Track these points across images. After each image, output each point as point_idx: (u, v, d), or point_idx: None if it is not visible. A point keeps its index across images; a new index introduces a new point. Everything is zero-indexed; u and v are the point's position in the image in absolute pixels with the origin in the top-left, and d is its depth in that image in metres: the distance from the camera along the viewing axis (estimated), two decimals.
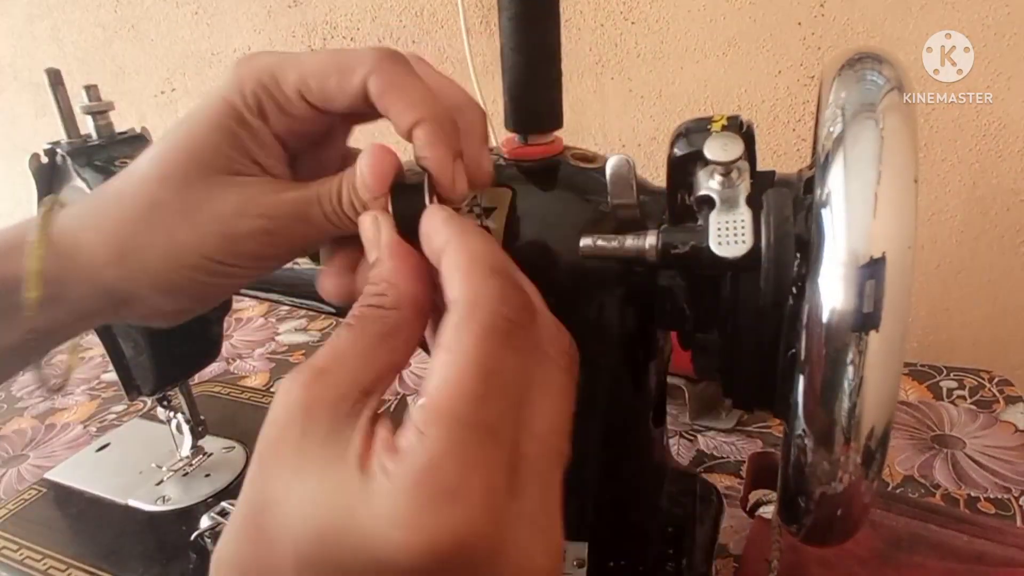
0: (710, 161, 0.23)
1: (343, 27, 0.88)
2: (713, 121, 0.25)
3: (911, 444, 0.54)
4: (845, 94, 0.22)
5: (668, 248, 0.24)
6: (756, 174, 0.24)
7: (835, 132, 0.21)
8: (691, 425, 0.58)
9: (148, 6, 0.99)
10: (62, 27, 1.07)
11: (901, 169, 0.20)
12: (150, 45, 1.02)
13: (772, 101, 0.71)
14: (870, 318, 0.19)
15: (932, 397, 0.59)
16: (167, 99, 1.05)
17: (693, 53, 0.72)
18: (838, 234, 0.20)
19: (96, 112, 0.44)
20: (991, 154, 0.66)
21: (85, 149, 0.44)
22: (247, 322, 0.88)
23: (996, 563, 0.40)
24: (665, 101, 0.76)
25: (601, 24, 0.75)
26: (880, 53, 0.23)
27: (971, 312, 0.73)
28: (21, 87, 1.17)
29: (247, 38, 0.95)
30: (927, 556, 0.41)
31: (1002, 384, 0.60)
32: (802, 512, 0.23)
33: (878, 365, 0.20)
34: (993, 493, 0.48)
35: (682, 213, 0.26)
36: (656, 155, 0.78)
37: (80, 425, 0.69)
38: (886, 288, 0.19)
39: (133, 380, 0.50)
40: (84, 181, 0.43)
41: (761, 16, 0.68)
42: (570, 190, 0.30)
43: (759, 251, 0.22)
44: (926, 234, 0.70)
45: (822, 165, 0.21)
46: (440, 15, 0.82)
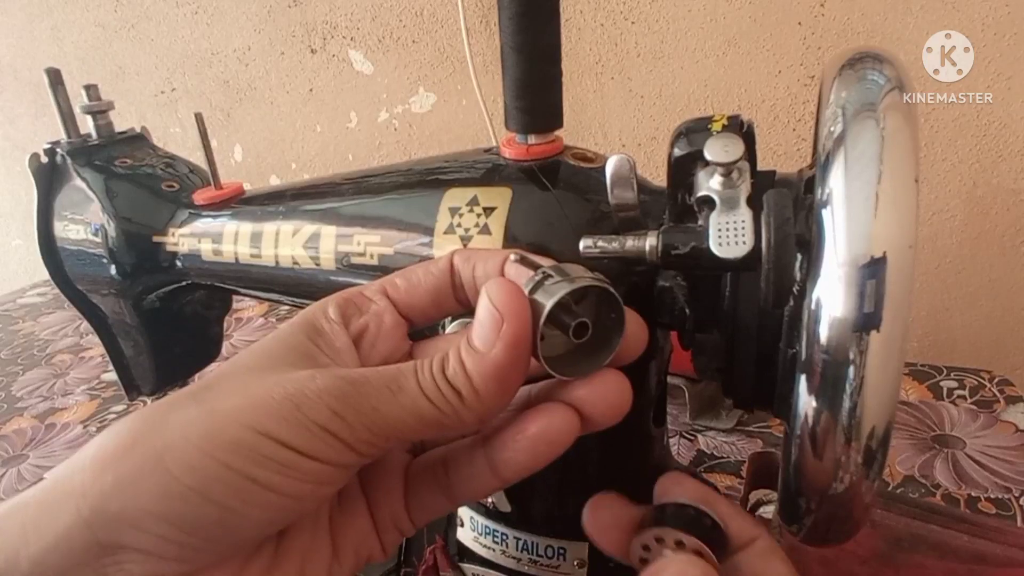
0: (710, 162, 0.23)
1: (343, 27, 0.88)
2: (713, 121, 0.25)
3: (911, 444, 0.54)
4: (845, 94, 0.22)
5: (668, 249, 0.24)
6: (756, 174, 0.24)
7: (835, 132, 0.21)
8: (691, 425, 0.58)
9: (148, 6, 0.99)
10: (62, 27, 1.07)
11: (902, 169, 0.20)
12: (150, 45, 1.02)
13: (772, 101, 0.71)
14: (870, 318, 0.19)
15: (932, 397, 0.59)
16: (167, 99, 1.05)
17: (693, 53, 0.72)
18: (839, 234, 0.20)
19: (96, 112, 0.44)
20: (991, 154, 0.66)
21: (85, 149, 0.44)
22: (247, 322, 0.88)
23: (996, 563, 0.40)
24: (665, 101, 0.76)
25: (601, 24, 0.75)
26: (880, 53, 0.23)
27: (971, 312, 0.72)
28: (21, 87, 1.17)
29: (247, 38, 0.95)
30: (927, 556, 0.41)
31: (1002, 384, 0.60)
32: (802, 512, 0.23)
33: (878, 365, 0.20)
34: (993, 493, 0.48)
35: (682, 213, 0.26)
36: (656, 155, 0.78)
37: (80, 425, 0.69)
38: (887, 288, 0.19)
39: (133, 380, 0.50)
40: (84, 181, 0.43)
41: (761, 16, 0.68)
42: (570, 190, 0.30)
43: (759, 252, 0.22)
44: (926, 234, 0.70)
45: (822, 165, 0.21)
46: (440, 15, 0.82)
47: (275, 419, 0.18)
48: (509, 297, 0.20)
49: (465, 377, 0.20)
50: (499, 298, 0.20)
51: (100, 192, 0.43)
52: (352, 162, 0.97)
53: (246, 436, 0.18)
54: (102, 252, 0.43)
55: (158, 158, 0.46)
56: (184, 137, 1.07)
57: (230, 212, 0.40)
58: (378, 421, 0.19)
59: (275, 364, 0.21)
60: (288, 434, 0.18)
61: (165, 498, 0.18)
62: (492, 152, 0.33)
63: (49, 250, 0.46)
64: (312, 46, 0.91)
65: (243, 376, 0.20)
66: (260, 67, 0.96)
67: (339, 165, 0.98)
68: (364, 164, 0.95)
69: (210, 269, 0.41)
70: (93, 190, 0.43)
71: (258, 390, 0.19)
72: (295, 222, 0.36)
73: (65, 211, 0.45)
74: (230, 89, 1.00)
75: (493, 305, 0.20)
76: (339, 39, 0.89)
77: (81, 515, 0.18)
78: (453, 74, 0.84)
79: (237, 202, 0.41)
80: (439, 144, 0.89)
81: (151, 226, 0.43)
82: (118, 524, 0.18)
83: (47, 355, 0.84)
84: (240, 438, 0.18)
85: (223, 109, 1.02)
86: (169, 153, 0.47)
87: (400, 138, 0.92)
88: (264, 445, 0.18)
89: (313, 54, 0.92)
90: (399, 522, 0.24)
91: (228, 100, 1.01)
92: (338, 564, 0.23)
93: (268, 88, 0.97)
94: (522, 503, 0.37)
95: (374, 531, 0.24)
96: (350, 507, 0.24)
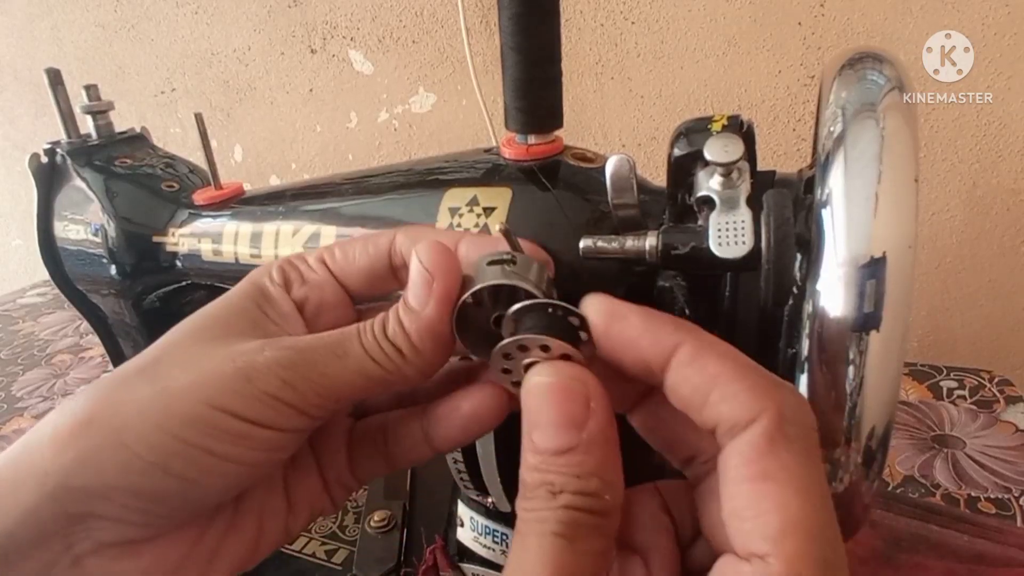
0: (710, 162, 0.23)
1: (343, 27, 0.88)
2: (713, 121, 0.25)
3: (911, 444, 0.54)
4: (845, 94, 0.22)
5: (668, 249, 0.24)
6: (756, 174, 0.24)
7: (835, 132, 0.21)
8: None
9: (148, 6, 0.99)
10: (62, 27, 1.07)
11: (901, 169, 0.20)
12: (150, 45, 1.02)
13: (772, 101, 0.71)
14: (870, 318, 0.19)
15: (932, 397, 0.59)
16: (167, 99, 1.05)
17: (693, 53, 0.72)
18: (838, 234, 0.20)
19: (96, 112, 0.44)
20: (991, 154, 0.66)
21: (85, 149, 0.44)
22: None
23: (996, 563, 0.40)
24: (665, 101, 0.76)
25: (601, 24, 0.75)
26: (880, 53, 0.23)
27: (971, 312, 0.72)
28: (21, 87, 1.17)
29: (247, 38, 0.95)
30: (927, 556, 0.41)
31: (1002, 384, 0.60)
32: None
33: (878, 365, 0.20)
34: (993, 493, 0.48)
35: (682, 213, 0.26)
36: (656, 155, 0.77)
37: None
38: (886, 288, 0.19)
39: None
40: (84, 181, 0.43)
41: (761, 16, 0.68)
42: (570, 190, 0.30)
43: (759, 252, 0.22)
44: (926, 234, 0.70)
45: (822, 165, 0.21)
46: (440, 15, 0.82)
47: (228, 393, 0.19)
48: (438, 256, 0.21)
49: (404, 335, 0.21)
50: (428, 257, 0.21)
51: (100, 192, 0.43)
52: (352, 162, 0.97)
53: (201, 411, 0.19)
54: (102, 252, 0.43)
55: (158, 158, 0.46)
56: (184, 137, 1.07)
57: (230, 212, 0.40)
58: (327, 385, 0.20)
59: (224, 333, 0.21)
60: (241, 406, 0.19)
61: (127, 473, 0.19)
62: (492, 152, 0.33)
63: (49, 250, 0.46)
64: (312, 46, 0.91)
65: (191, 348, 0.21)
66: (260, 67, 0.96)
67: (339, 165, 0.98)
68: (364, 164, 0.95)
69: (210, 269, 0.41)
70: (93, 190, 0.43)
71: (209, 364, 0.20)
72: (295, 222, 0.36)
73: (65, 211, 0.45)
74: (230, 89, 1.00)
75: (422, 265, 0.21)
76: (339, 39, 0.89)
77: (45, 490, 0.19)
78: (453, 74, 0.84)
79: (237, 202, 0.41)
80: (439, 144, 0.89)
81: (151, 226, 0.43)
82: (84, 496, 0.19)
83: (47, 355, 0.84)
84: (195, 413, 0.19)
85: (223, 109, 1.02)
86: (169, 153, 0.47)
87: (400, 138, 0.92)
88: (219, 419, 0.19)
89: (313, 54, 0.92)
90: (345, 480, 0.25)
91: (228, 100, 1.01)
92: (293, 519, 0.24)
93: (268, 88, 0.97)
94: None
95: (324, 489, 0.25)
96: (302, 467, 0.25)
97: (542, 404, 0.18)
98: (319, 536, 0.48)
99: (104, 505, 0.19)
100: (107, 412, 0.19)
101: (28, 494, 0.19)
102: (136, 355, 0.22)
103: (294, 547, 0.47)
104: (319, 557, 0.46)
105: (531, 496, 0.18)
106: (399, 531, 0.46)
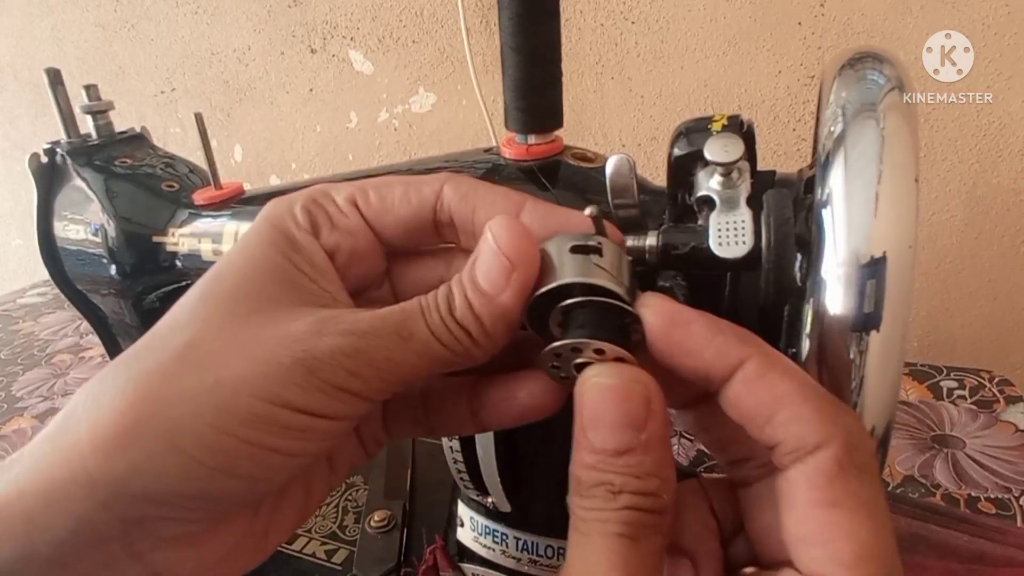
0: (710, 162, 0.23)
1: (343, 27, 0.88)
2: (713, 121, 0.25)
3: (911, 444, 0.54)
4: (846, 94, 0.22)
5: (668, 249, 0.24)
6: (756, 174, 0.24)
7: (836, 132, 0.21)
8: None
9: (148, 6, 0.99)
10: (62, 27, 1.07)
11: (902, 169, 0.20)
12: (150, 45, 1.02)
13: (772, 101, 0.71)
14: (870, 318, 0.19)
15: (932, 397, 0.59)
16: (167, 99, 1.05)
17: (693, 53, 0.72)
18: (839, 234, 0.20)
19: (96, 112, 0.44)
20: (991, 154, 0.66)
21: (85, 149, 0.44)
22: None
23: (996, 563, 0.40)
24: (665, 101, 0.76)
25: (601, 24, 0.75)
26: (880, 53, 0.23)
27: (971, 312, 0.72)
28: (21, 87, 1.17)
29: (247, 38, 0.95)
30: (927, 556, 0.41)
31: (1002, 384, 0.60)
32: None
33: (878, 365, 0.20)
34: (993, 493, 0.48)
35: (682, 213, 0.26)
36: (656, 155, 0.77)
37: None
38: (886, 288, 0.19)
39: None
40: (84, 181, 0.43)
41: (761, 16, 0.68)
42: (570, 190, 0.30)
43: (759, 252, 0.22)
44: (926, 234, 0.70)
45: (822, 165, 0.21)
46: (440, 15, 0.82)
47: (288, 386, 0.18)
48: (519, 241, 0.19)
49: (474, 319, 0.19)
50: (507, 241, 0.19)
51: (100, 192, 0.43)
52: (352, 162, 0.97)
53: (261, 408, 0.18)
54: (102, 252, 0.43)
55: (158, 158, 0.46)
56: (184, 137, 1.07)
57: (230, 212, 0.40)
58: (392, 370, 0.19)
59: (262, 303, 0.20)
60: (303, 400, 0.18)
61: (188, 479, 0.18)
62: (492, 152, 0.33)
63: (49, 250, 0.46)
64: (312, 46, 0.91)
65: (231, 327, 0.19)
66: (260, 67, 0.96)
67: (339, 165, 0.98)
68: (364, 164, 0.95)
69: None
70: (93, 190, 0.43)
71: (260, 352, 0.18)
72: None
73: (65, 211, 0.45)
74: (230, 89, 1.00)
75: (500, 249, 0.19)
76: (339, 39, 0.89)
77: (97, 499, 0.18)
78: (453, 74, 0.84)
79: (237, 202, 0.41)
80: (439, 144, 0.89)
81: (151, 226, 0.43)
82: (141, 503, 0.18)
83: (47, 355, 0.84)
84: (255, 411, 0.18)
85: (223, 109, 1.02)
86: (169, 153, 0.47)
87: (400, 138, 0.92)
88: (281, 415, 0.18)
89: (313, 54, 0.92)
90: (379, 437, 0.25)
91: (228, 100, 1.01)
92: (335, 477, 0.24)
93: (268, 88, 0.97)
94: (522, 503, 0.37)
95: (360, 445, 0.25)
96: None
97: (601, 405, 0.18)
98: (319, 536, 0.48)
99: (163, 509, 0.18)
100: (153, 412, 0.18)
101: (76, 503, 0.18)
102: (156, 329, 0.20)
103: (294, 547, 0.47)
104: (319, 557, 0.46)
105: (588, 495, 0.18)
106: (399, 531, 0.46)
